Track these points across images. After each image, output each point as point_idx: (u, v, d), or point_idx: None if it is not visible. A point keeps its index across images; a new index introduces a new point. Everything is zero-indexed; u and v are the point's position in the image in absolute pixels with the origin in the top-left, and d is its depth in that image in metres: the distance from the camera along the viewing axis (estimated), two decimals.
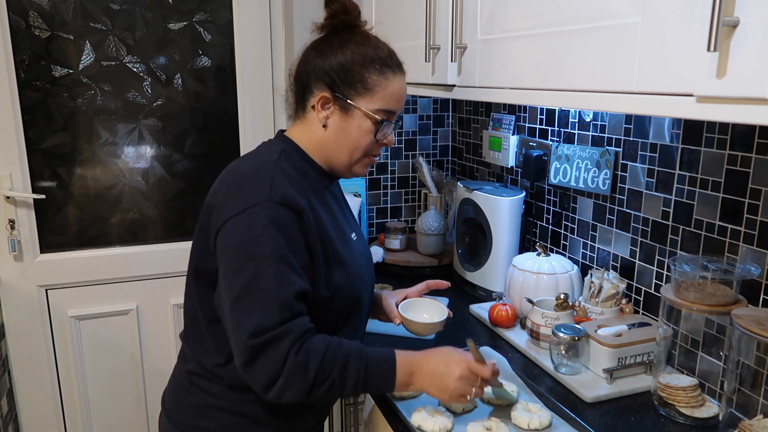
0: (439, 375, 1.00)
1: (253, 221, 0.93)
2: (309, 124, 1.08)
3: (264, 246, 0.92)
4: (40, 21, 1.78)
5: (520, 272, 1.47)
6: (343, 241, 1.08)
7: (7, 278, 1.87)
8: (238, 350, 0.92)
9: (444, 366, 1.01)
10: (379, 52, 1.05)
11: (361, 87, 1.03)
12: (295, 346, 0.91)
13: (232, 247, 0.94)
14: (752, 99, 0.65)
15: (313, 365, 0.91)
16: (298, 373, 0.90)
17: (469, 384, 1.00)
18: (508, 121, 1.83)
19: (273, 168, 1.00)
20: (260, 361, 0.90)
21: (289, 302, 0.91)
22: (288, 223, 0.95)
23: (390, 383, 0.98)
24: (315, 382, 0.92)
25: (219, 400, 1.06)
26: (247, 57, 1.99)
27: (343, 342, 0.97)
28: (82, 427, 2.04)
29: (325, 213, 1.06)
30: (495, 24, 1.16)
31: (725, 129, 1.13)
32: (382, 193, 2.16)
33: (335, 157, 1.08)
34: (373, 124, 1.04)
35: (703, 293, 1.05)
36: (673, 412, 1.09)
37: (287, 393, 0.91)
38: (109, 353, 2.03)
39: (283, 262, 0.92)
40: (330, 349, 0.94)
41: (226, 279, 0.94)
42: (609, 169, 1.42)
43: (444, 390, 1.00)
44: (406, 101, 2.08)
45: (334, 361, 0.93)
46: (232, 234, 0.94)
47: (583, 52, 0.93)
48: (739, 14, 0.65)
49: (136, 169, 1.98)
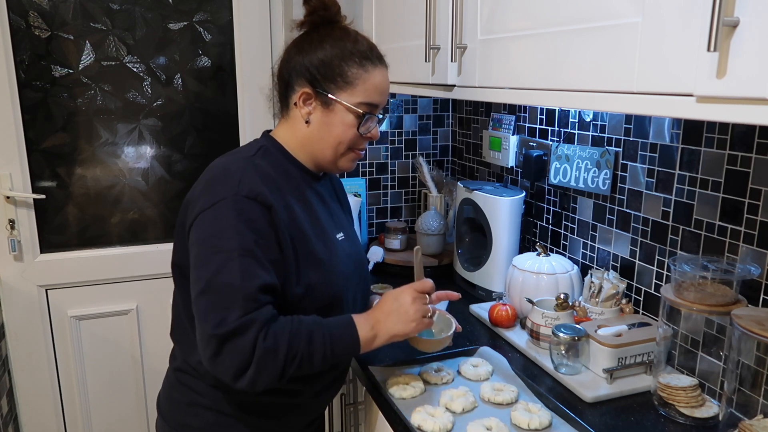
0: (395, 311, 1.04)
1: (220, 215, 0.95)
2: (292, 121, 1.09)
3: (229, 239, 0.93)
4: (40, 21, 1.78)
5: (520, 272, 1.47)
6: (323, 240, 1.08)
7: (7, 278, 1.87)
8: (203, 343, 0.93)
9: (394, 301, 1.05)
10: (359, 46, 1.06)
11: (342, 81, 1.04)
12: (262, 332, 0.92)
13: (200, 241, 0.96)
14: (752, 99, 0.65)
15: (282, 347, 0.92)
16: (268, 357, 0.91)
17: (422, 302, 1.06)
18: (508, 121, 1.83)
19: (245, 164, 1.01)
20: (226, 352, 0.91)
21: (253, 295, 0.92)
22: (256, 218, 0.96)
23: (355, 344, 1.01)
24: (285, 362, 0.93)
25: (203, 398, 1.07)
26: (247, 57, 1.99)
27: (302, 318, 0.98)
28: (82, 427, 2.04)
29: (303, 211, 1.06)
30: (495, 24, 1.16)
31: (725, 129, 1.13)
32: (382, 193, 2.16)
33: (320, 153, 1.08)
34: (355, 118, 1.05)
35: (703, 293, 1.05)
36: (673, 412, 1.09)
37: (260, 379, 0.92)
38: (109, 353, 2.02)
39: (249, 255, 0.93)
40: (293, 327, 0.95)
41: (193, 272, 0.96)
42: (609, 169, 1.42)
43: (406, 320, 1.04)
44: (406, 101, 2.11)
45: (299, 337, 0.95)
46: (200, 228, 0.96)
47: (583, 52, 0.93)
48: (739, 14, 0.65)
49: (136, 169, 1.98)
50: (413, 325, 1.04)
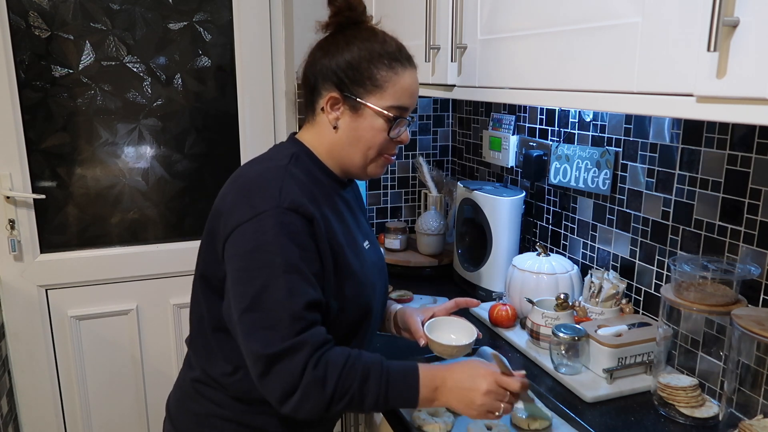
0: (466, 390, 0.94)
1: (262, 228, 0.90)
2: (319, 126, 1.04)
3: (274, 254, 0.89)
4: (40, 21, 1.78)
5: (520, 272, 1.47)
6: (354, 250, 1.04)
7: (7, 278, 1.87)
8: (252, 361, 0.90)
9: (470, 380, 0.95)
10: (387, 47, 1.01)
11: (371, 84, 0.99)
12: (313, 358, 0.88)
13: (240, 256, 0.92)
14: (752, 99, 0.65)
15: (331, 379, 0.88)
16: (315, 386, 0.88)
17: (497, 399, 0.95)
18: (508, 121, 1.83)
19: (282, 173, 0.96)
20: (275, 373, 0.88)
21: (299, 313, 0.89)
22: (299, 231, 0.91)
23: (413, 399, 0.94)
24: (333, 396, 0.89)
25: (223, 410, 1.04)
26: (247, 57, 1.99)
27: (363, 354, 0.93)
28: (82, 427, 2.04)
29: (336, 221, 1.02)
30: (495, 24, 1.16)
31: (725, 129, 1.13)
32: (382, 193, 2.16)
33: (349, 159, 1.04)
34: (385, 122, 1.00)
35: (703, 293, 1.05)
36: (673, 412, 1.09)
37: (304, 406, 0.89)
38: (109, 353, 2.02)
39: (294, 271, 0.90)
40: (349, 362, 0.91)
41: (235, 288, 0.92)
42: (609, 169, 1.42)
43: (470, 406, 0.94)
44: None
45: (354, 375, 0.90)
46: (240, 242, 0.92)
47: (583, 52, 0.92)
48: (739, 14, 0.65)
49: (136, 169, 1.98)
50: (474, 413, 0.95)
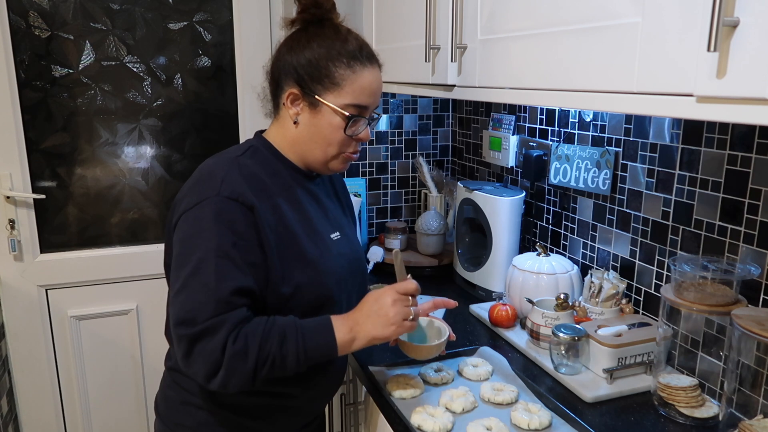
0: (375, 313, 0.99)
1: (201, 215, 0.94)
2: (282, 120, 1.08)
3: (208, 240, 0.93)
4: (40, 21, 1.78)
5: (520, 272, 1.47)
6: (314, 239, 1.06)
7: (7, 278, 1.87)
8: (176, 343, 0.93)
9: (375, 303, 1.00)
10: (348, 46, 1.03)
11: (329, 82, 1.02)
12: (232, 334, 0.90)
13: (180, 241, 0.96)
14: (752, 99, 0.65)
15: (252, 349, 0.91)
16: (238, 360, 0.90)
17: (404, 304, 1.00)
18: (508, 121, 1.83)
19: (229, 164, 1.01)
20: (197, 353, 0.90)
21: (225, 298, 0.91)
22: (237, 219, 0.95)
23: (332, 345, 0.97)
24: (257, 365, 0.91)
25: (195, 397, 1.07)
26: (247, 57, 1.99)
27: (276, 319, 0.96)
28: (82, 427, 2.04)
29: (293, 210, 1.05)
30: (495, 24, 1.16)
31: (725, 129, 1.13)
32: (382, 193, 2.16)
33: (310, 154, 1.07)
34: (342, 120, 1.02)
35: (703, 293, 1.05)
36: (673, 412, 1.09)
37: (231, 381, 0.91)
38: (109, 353, 2.03)
39: (226, 257, 0.92)
40: (266, 328, 0.93)
41: (173, 272, 0.96)
42: (609, 169, 1.42)
43: (386, 323, 0.99)
44: (406, 101, 2.11)
45: (271, 338, 0.93)
46: (183, 228, 0.97)
47: (583, 52, 0.92)
48: (739, 14, 0.65)
49: (136, 169, 1.98)
50: (393, 328, 0.99)
